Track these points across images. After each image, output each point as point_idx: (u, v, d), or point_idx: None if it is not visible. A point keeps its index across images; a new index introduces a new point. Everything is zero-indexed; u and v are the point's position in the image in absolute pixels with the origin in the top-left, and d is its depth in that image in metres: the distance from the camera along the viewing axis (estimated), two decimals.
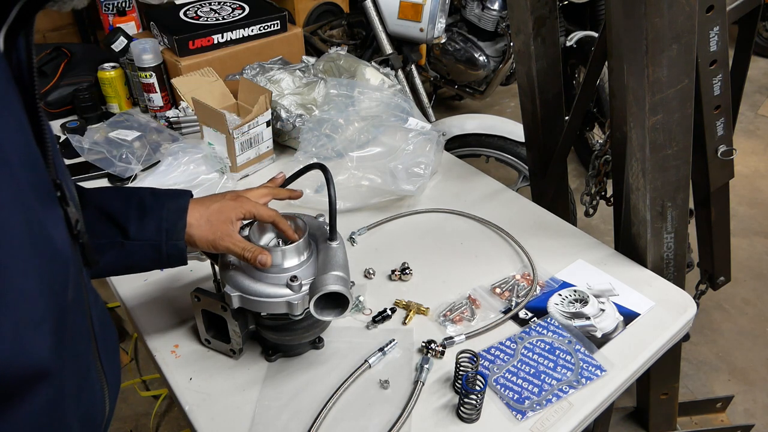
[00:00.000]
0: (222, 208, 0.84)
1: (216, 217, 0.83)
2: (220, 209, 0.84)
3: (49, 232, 0.46)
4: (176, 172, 1.31)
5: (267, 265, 0.80)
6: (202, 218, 0.82)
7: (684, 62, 0.91)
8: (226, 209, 0.84)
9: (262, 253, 0.80)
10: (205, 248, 0.83)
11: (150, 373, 2.13)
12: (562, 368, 0.91)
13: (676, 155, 1.01)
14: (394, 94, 1.45)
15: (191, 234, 0.82)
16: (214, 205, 0.84)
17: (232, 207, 0.84)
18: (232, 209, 0.84)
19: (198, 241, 0.82)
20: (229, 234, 0.82)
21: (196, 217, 0.82)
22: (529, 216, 1.26)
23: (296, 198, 0.95)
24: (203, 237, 0.82)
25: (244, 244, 0.82)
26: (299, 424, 0.84)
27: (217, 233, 0.82)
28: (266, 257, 0.80)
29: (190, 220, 0.82)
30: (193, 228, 0.82)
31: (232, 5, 1.70)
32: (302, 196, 0.95)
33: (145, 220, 0.80)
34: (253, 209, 0.85)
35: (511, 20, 1.29)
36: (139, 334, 1.02)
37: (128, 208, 0.80)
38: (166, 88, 1.58)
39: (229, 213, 0.83)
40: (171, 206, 0.81)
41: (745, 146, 3.28)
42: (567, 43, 2.58)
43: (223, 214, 0.83)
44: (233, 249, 0.82)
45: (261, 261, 0.80)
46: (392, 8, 2.28)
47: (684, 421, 1.84)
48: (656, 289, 1.06)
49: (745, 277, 2.45)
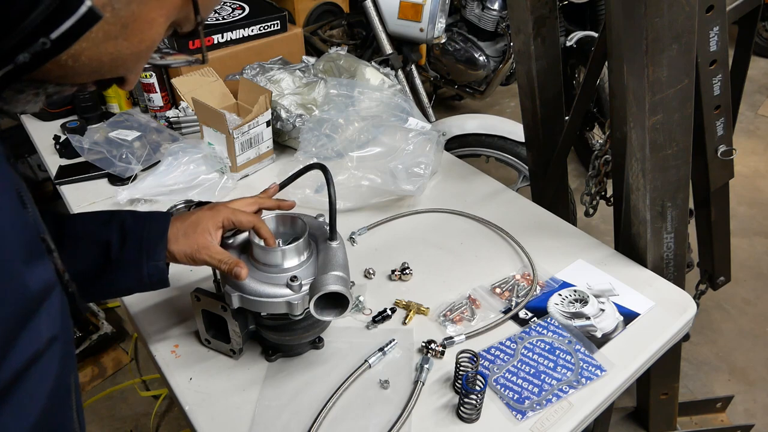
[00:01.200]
0: (198, 220, 0.83)
1: (192, 230, 0.82)
2: (196, 221, 0.83)
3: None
4: (176, 172, 1.31)
5: (241, 278, 0.80)
6: (179, 232, 0.82)
7: (684, 62, 0.91)
8: (203, 220, 0.83)
9: (237, 265, 0.80)
10: (185, 262, 0.82)
11: (150, 373, 2.13)
12: (562, 368, 0.91)
13: (676, 155, 1.01)
14: (394, 94, 1.45)
15: (170, 250, 0.81)
16: (191, 218, 0.84)
17: (208, 217, 0.84)
18: (208, 219, 0.83)
19: (177, 255, 0.82)
20: (206, 246, 0.82)
21: (174, 232, 0.82)
22: (529, 216, 1.26)
23: (287, 208, 0.93)
24: (181, 251, 0.81)
25: (221, 255, 0.81)
26: (299, 424, 0.84)
27: (194, 246, 0.81)
28: (241, 270, 0.79)
29: (169, 236, 0.82)
30: (171, 243, 0.81)
31: (232, 5, 1.70)
32: (294, 206, 0.93)
33: (126, 241, 0.80)
34: (231, 216, 0.84)
35: (511, 20, 1.29)
36: (139, 334, 1.02)
37: (110, 231, 0.80)
38: (166, 88, 1.58)
39: (206, 223, 0.83)
40: (151, 228, 0.82)
41: (745, 146, 3.28)
42: (567, 43, 2.58)
43: (200, 226, 0.83)
44: (210, 261, 0.81)
45: (236, 273, 0.79)
46: (392, 8, 2.28)
47: (684, 421, 1.84)
48: (656, 289, 1.06)
49: (745, 277, 2.45)
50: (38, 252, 0.48)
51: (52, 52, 0.47)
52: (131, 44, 0.53)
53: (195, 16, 0.57)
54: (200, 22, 0.59)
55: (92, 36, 0.49)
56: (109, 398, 2.05)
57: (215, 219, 0.84)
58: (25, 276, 0.45)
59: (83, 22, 0.46)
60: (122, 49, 0.52)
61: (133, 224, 0.82)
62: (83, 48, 0.49)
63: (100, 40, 0.50)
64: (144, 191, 1.29)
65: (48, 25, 0.45)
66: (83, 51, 0.49)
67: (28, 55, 0.46)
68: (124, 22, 0.51)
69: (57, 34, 0.46)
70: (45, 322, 0.47)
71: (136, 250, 0.80)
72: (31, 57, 0.46)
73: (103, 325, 2.20)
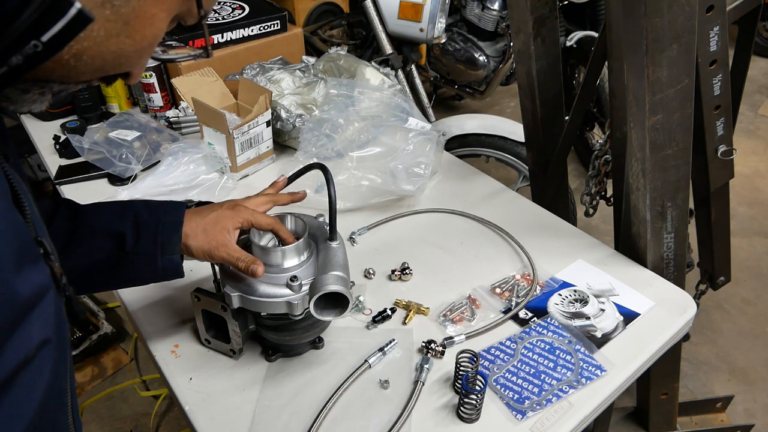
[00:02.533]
0: (218, 218, 0.84)
1: (212, 227, 0.83)
2: (216, 219, 0.84)
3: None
4: (176, 172, 1.31)
5: (257, 275, 0.80)
6: (198, 228, 0.83)
7: (684, 62, 0.91)
8: (223, 219, 0.84)
9: (254, 263, 0.80)
10: (202, 258, 0.83)
11: (150, 373, 2.13)
12: (562, 368, 0.91)
13: (676, 155, 1.01)
14: (394, 94, 1.45)
15: (188, 244, 0.82)
16: (211, 214, 0.84)
17: (229, 216, 0.84)
18: (229, 218, 0.84)
19: (195, 251, 0.82)
20: (225, 244, 0.82)
21: (192, 227, 0.83)
22: (529, 216, 1.26)
23: (299, 200, 0.94)
24: (199, 247, 0.82)
25: (239, 254, 0.82)
26: (299, 424, 0.84)
27: (213, 243, 0.82)
28: (257, 267, 0.80)
29: (186, 230, 0.82)
30: (189, 238, 0.82)
31: (232, 5, 1.70)
32: (305, 197, 0.95)
33: (140, 234, 0.80)
34: (250, 218, 0.85)
35: (511, 20, 1.29)
36: (139, 334, 1.02)
37: (124, 222, 0.81)
38: (166, 88, 1.58)
39: (226, 222, 0.83)
40: (166, 220, 0.82)
41: (745, 146, 3.28)
42: (567, 43, 2.58)
43: (220, 224, 0.83)
44: (228, 259, 0.81)
45: (252, 270, 0.80)
46: (392, 8, 2.28)
47: (684, 421, 1.84)
48: (656, 289, 1.06)
49: (745, 277, 2.45)
50: (32, 256, 0.48)
51: (46, 54, 0.47)
52: (134, 41, 0.52)
53: (198, 9, 0.57)
54: (203, 15, 0.58)
55: (93, 35, 0.49)
56: (109, 398, 2.05)
57: (235, 219, 0.84)
58: (14, 282, 0.44)
59: (74, 24, 0.46)
60: (125, 46, 0.52)
61: (148, 216, 0.82)
62: (85, 47, 0.49)
63: (102, 38, 0.49)
64: (144, 191, 1.29)
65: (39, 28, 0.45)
66: (85, 50, 0.49)
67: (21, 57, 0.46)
68: (125, 18, 0.50)
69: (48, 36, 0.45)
70: (36, 325, 0.47)
71: (151, 242, 0.81)
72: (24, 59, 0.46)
73: (103, 325, 2.20)
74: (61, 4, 0.45)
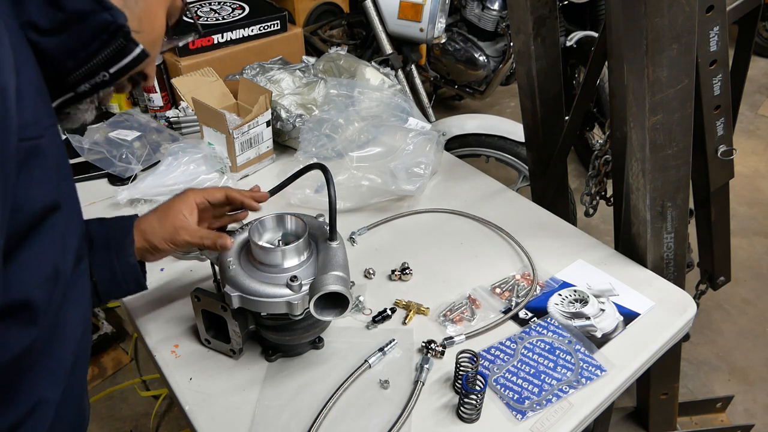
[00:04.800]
0: (170, 205, 0.87)
1: (165, 215, 0.85)
2: (167, 206, 0.87)
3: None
4: (176, 172, 1.31)
5: (227, 248, 0.81)
6: (153, 221, 0.85)
7: (684, 62, 0.91)
8: (174, 203, 0.86)
9: (220, 237, 0.81)
10: (166, 247, 0.84)
11: (150, 373, 2.13)
12: (562, 368, 0.91)
13: (676, 155, 1.01)
14: (394, 94, 1.45)
15: (149, 239, 0.83)
16: (161, 206, 0.87)
17: (179, 200, 0.87)
18: (180, 202, 0.86)
19: (157, 243, 0.83)
20: (184, 226, 0.84)
21: (147, 223, 0.85)
22: (529, 216, 1.26)
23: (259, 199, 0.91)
24: (159, 236, 0.83)
25: (201, 232, 0.83)
26: (299, 424, 0.84)
27: (170, 228, 0.83)
28: (225, 240, 0.81)
29: (143, 227, 0.84)
30: (147, 234, 0.83)
31: (232, 5, 1.70)
32: (267, 198, 0.92)
33: (93, 245, 0.82)
34: (200, 192, 0.87)
35: (511, 20, 1.29)
36: (139, 334, 1.02)
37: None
38: (166, 88, 1.58)
39: (179, 206, 0.86)
40: (116, 226, 0.84)
41: (745, 146, 3.28)
42: (567, 43, 2.58)
43: (173, 209, 0.85)
44: (191, 240, 0.83)
45: (221, 244, 0.81)
46: (392, 8, 2.28)
47: (684, 421, 1.84)
48: (656, 289, 1.06)
49: (745, 277, 2.45)
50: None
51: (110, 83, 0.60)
52: (148, 34, 0.63)
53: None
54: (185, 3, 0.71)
55: None
56: (109, 398, 2.05)
57: (186, 200, 0.86)
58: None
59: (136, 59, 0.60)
60: (143, 42, 0.61)
61: (98, 228, 0.84)
62: None
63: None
64: (144, 191, 1.28)
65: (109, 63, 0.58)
66: None
67: (88, 86, 0.59)
68: (139, 16, 0.61)
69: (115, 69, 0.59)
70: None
71: (104, 249, 0.82)
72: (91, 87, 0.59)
73: (103, 325, 2.20)
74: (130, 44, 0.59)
